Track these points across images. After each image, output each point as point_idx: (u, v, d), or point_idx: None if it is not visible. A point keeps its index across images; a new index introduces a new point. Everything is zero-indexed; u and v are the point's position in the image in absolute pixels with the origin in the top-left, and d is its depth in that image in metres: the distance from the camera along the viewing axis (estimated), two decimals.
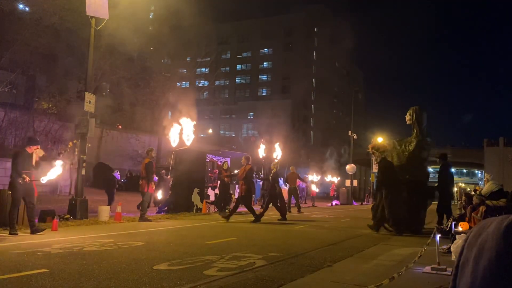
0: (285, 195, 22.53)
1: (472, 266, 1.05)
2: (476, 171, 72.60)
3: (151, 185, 12.22)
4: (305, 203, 26.26)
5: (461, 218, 8.69)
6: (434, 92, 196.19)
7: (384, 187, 10.51)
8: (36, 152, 8.69)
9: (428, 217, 13.25)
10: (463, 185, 66.27)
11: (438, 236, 5.81)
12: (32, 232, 8.24)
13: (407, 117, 11.75)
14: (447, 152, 12.36)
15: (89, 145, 13.21)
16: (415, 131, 11.50)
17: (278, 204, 13.94)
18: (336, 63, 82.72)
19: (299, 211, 18.42)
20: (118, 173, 20.33)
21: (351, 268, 5.94)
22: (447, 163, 11.54)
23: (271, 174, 14.64)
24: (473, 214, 8.29)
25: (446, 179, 11.30)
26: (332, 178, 34.30)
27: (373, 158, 10.91)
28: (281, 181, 25.92)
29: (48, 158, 9.16)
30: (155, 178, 14.90)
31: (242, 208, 14.33)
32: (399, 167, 11.08)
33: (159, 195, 15.61)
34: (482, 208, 8.10)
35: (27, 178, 8.29)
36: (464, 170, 76.81)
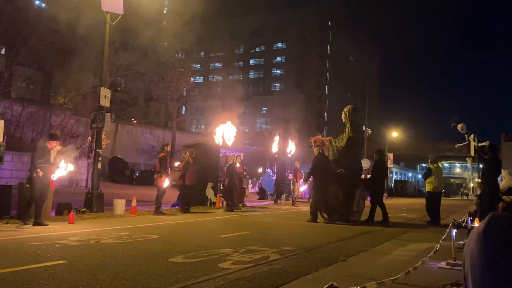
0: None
1: (471, 275, 1.10)
2: None
3: (164, 178, 12.31)
4: None
5: (477, 214, 8.56)
6: (449, 85, 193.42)
7: (315, 179, 11.45)
8: (55, 148, 8.87)
9: (443, 212, 13.13)
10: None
11: (454, 231, 5.75)
12: (35, 224, 8.44)
13: (343, 116, 12.59)
14: (383, 149, 12.97)
15: (108, 141, 13.38)
16: (347, 128, 12.29)
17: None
18: (350, 57, 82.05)
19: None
20: None
21: (366, 263, 5.91)
22: (382, 159, 12.25)
23: (226, 166, 15.10)
24: None
25: (379, 173, 11.95)
26: None
27: (314, 150, 11.55)
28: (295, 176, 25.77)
29: (66, 153, 9.28)
30: None
31: (252, 203, 14.37)
32: (334, 162, 11.85)
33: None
34: (501, 205, 7.96)
35: (41, 173, 8.46)
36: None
